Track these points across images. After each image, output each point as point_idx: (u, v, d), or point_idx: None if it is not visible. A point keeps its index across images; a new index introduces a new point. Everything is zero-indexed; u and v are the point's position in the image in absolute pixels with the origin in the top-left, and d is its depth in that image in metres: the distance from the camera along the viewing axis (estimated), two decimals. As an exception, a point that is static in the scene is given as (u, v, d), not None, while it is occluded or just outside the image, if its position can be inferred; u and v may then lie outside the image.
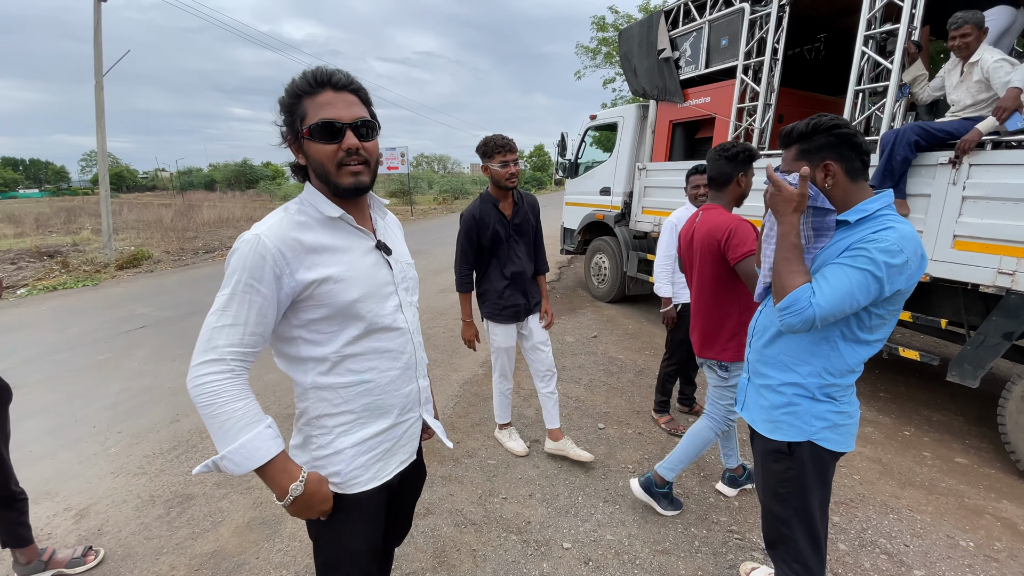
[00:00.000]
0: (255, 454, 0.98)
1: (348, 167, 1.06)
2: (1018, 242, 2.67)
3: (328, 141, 1.03)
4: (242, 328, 1.00)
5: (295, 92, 1.04)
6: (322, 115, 1.02)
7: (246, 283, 0.99)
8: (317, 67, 1.06)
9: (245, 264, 0.99)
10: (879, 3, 3.42)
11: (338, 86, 1.06)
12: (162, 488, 2.70)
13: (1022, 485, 2.77)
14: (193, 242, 12.93)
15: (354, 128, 1.05)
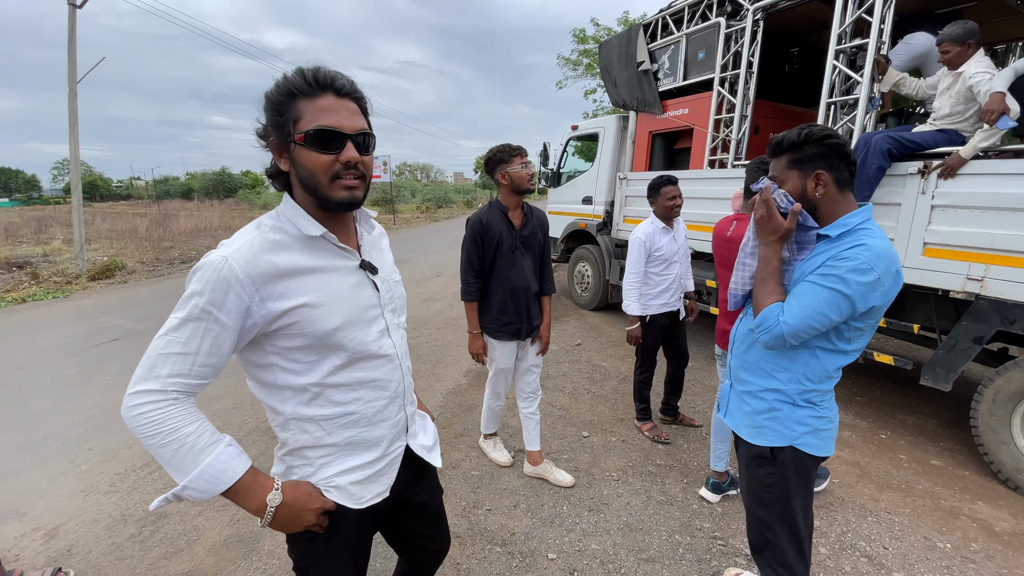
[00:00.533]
0: (221, 476, 0.90)
1: (343, 180, 0.96)
2: (986, 249, 2.76)
3: (325, 151, 0.93)
4: (191, 358, 0.89)
5: (289, 90, 0.93)
6: (322, 121, 0.92)
7: (203, 308, 0.89)
8: (316, 66, 0.94)
9: (206, 287, 0.89)
10: (849, 19, 3.54)
11: (341, 92, 0.96)
12: (134, 506, 2.61)
13: (996, 486, 2.84)
14: (169, 252, 12.66)
15: (355, 140, 0.96)
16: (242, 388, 4.08)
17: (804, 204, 1.36)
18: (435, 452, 1.31)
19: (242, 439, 3.28)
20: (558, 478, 2.79)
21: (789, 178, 1.37)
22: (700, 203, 4.65)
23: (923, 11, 4.16)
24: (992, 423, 2.82)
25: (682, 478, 2.88)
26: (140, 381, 0.89)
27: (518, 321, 2.58)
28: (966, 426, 3.10)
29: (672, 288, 3.16)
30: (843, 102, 3.69)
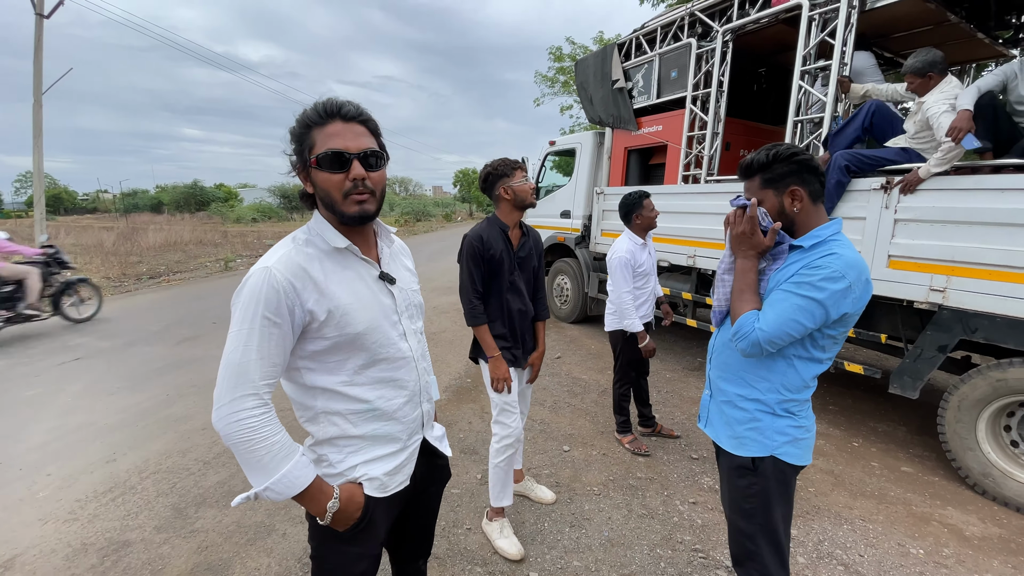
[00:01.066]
0: (295, 482, 1.04)
1: (353, 196, 1.07)
2: (947, 261, 2.88)
3: (335, 170, 1.05)
4: (267, 361, 1.02)
5: (305, 122, 1.07)
6: (330, 145, 1.04)
7: (263, 316, 1.01)
8: (328, 98, 1.08)
9: (260, 297, 1.01)
10: (813, 41, 3.69)
11: (347, 117, 1.08)
12: (96, 535, 2.48)
13: (964, 491, 2.92)
14: (136, 267, 12.26)
15: (361, 158, 1.07)
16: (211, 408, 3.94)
17: (783, 220, 1.41)
18: (444, 442, 1.45)
19: (211, 461, 3.17)
20: (540, 495, 2.74)
21: (765, 197, 1.42)
22: (676, 217, 4.75)
23: (883, 34, 4.37)
24: (958, 429, 2.91)
25: (662, 491, 2.88)
26: (233, 389, 1.00)
27: (516, 347, 2.40)
28: (934, 433, 3.19)
29: (650, 300, 3.25)
30: (809, 120, 3.83)
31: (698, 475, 3.06)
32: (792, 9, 3.77)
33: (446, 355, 5.33)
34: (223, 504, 2.72)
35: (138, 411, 3.93)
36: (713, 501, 2.78)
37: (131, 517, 2.62)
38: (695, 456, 3.29)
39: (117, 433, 3.56)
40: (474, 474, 3.00)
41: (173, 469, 3.08)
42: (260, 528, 2.52)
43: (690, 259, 4.65)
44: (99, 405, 4.06)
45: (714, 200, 4.39)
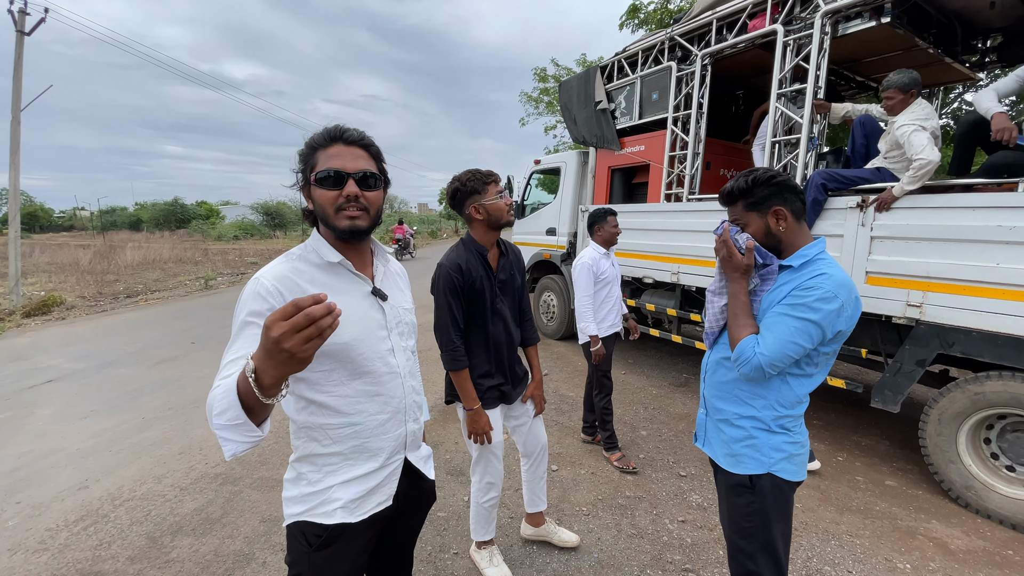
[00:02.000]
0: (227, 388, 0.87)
1: (345, 211, 1.14)
2: (922, 277, 2.95)
3: (331, 188, 1.13)
4: (242, 361, 0.99)
5: (312, 144, 1.16)
6: (329, 164, 1.12)
7: (245, 321, 1.05)
8: (335, 124, 1.17)
9: (247, 303, 1.07)
10: (788, 65, 3.82)
11: (348, 141, 1.16)
12: (67, 566, 2.37)
13: (948, 504, 2.95)
14: (113, 286, 11.98)
15: (358, 178, 1.14)
16: (189, 431, 3.84)
17: (770, 240, 1.44)
18: (429, 464, 1.45)
19: (188, 487, 3.06)
20: (564, 538, 2.50)
21: (751, 220, 1.45)
22: (659, 235, 4.81)
23: (855, 59, 4.55)
24: (939, 442, 2.95)
25: (651, 509, 2.86)
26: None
27: (504, 382, 2.16)
28: (916, 446, 3.23)
29: (615, 310, 3.41)
30: (786, 141, 3.94)
31: (687, 492, 3.04)
32: (768, 35, 3.90)
33: (431, 374, 5.27)
34: (200, 532, 2.62)
35: (112, 435, 3.80)
36: (702, 519, 2.77)
37: (103, 547, 2.51)
38: (683, 473, 3.28)
39: (90, 458, 3.43)
40: (461, 496, 2.95)
41: (148, 496, 2.97)
42: (239, 557, 2.43)
43: (674, 276, 4.70)
44: (71, 429, 3.91)
45: (696, 218, 4.46)
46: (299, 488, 1.20)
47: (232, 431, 0.88)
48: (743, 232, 1.46)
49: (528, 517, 2.57)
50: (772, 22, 3.86)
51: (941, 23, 3.98)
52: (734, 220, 1.49)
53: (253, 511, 2.80)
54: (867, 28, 3.45)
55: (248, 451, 0.92)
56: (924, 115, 3.07)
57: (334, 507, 1.18)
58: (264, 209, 39.90)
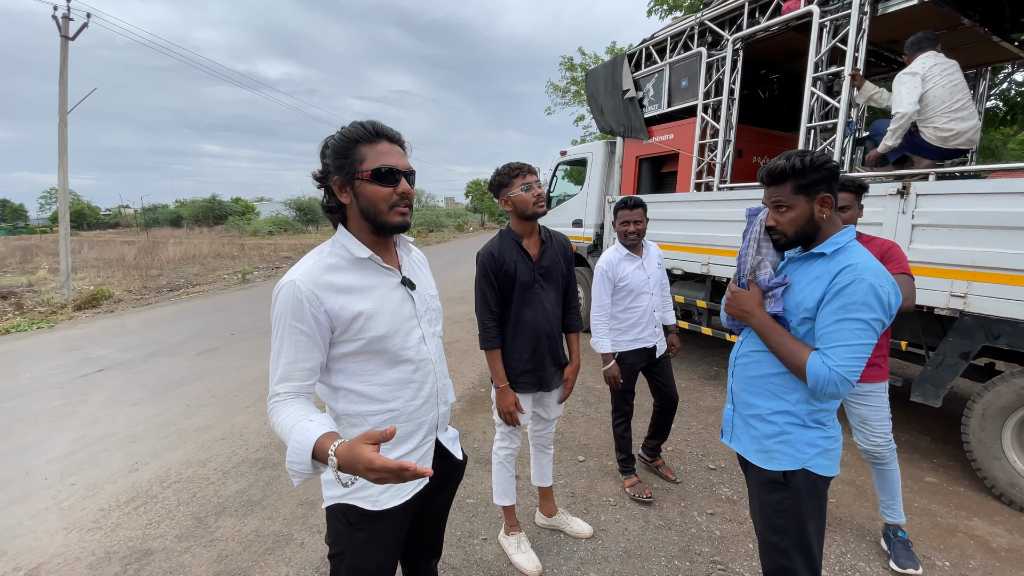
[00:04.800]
0: (303, 446, 0.97)
1: (398, 208, 1.19)
2: (967, 266, 2.83)
3: (387, 184, 1.16)
4: (295, 364, 1.12)
5: (353, 138, 1.16)
6: (384, 161, 1.15)
7: (290, 325, 1.11)
8: (372, 121, 1.20)
9: (286, 309, 1.12)
10: (824, 48, 3.69)
11: (392, 139, 1.21)
12: (119, 544, 2.53)
13: (991, 502, 2.85)
14: (157, 280, 12.54)
15: (406, 176, 1.20)
16: (230, 418, 4.01)
17: (810, 227, 1.42)
18: (456, 445, 1.48)
19: (230, 471, 3.21)
20: (575, 529, 2.55)
21: (796, 203, 1.41)
22: (689, 225, 4.73)
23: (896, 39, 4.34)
24: (983, 438, 2.84)
25: (679, 501, 2.85)
26: (270, 391, 1.13)
27: (539, 368, 2.20)
28: (958, 442, 3.12)
29: (643, 322, 2.80)
30: (822, 126, 3.81)
31: (715, 485, 3.02)
32: (803, 16, 3.77)
33: (460, 365, 5.35)
34: (242, 513, 2.75)
35: (159, 421, 4.00)
36: (732, 512, 2.74)
37: (153, 526, 2.66)
38: (712, 467, 3.25)
39: (139, 443, 3.63)
40: (488, 484, 2.99)
41: (193, 479, 3.13)
42: (279, 537, 2.54)
43: (704, 267, 4.63)
44: (122, 415, 4.14)
45: (727, 207, 4.37)
46: None
47: (301, 474, 0.99)
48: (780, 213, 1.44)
49: (541, 505, 2.62)
50: (808, 3, 3.73)
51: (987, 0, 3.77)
52: (776, 202, 1.44)
53: (291, 495, 2.92)
54: (909, 7, 3.30)
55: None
56: (919, 66, 3.07)
57: (377, 491, 1.22)
58: (297, 205, 40.89)
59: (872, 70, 4.93)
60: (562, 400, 2.38)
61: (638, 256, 2.82)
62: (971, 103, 3.20)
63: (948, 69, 3.16)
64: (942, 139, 3.20)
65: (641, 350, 2.84)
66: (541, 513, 2.63)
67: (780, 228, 1.45)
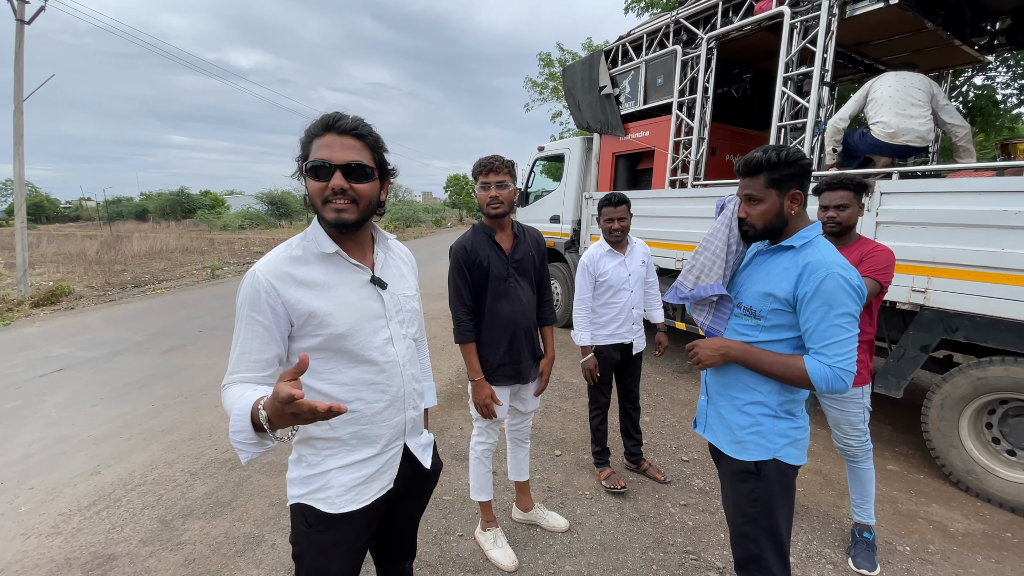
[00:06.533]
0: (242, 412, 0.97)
1: (332, 203, 1.13)
2: (927, 262, 2.94)
3: (318, 179, 1.12)
4: (248, 355, 1.11)
5: (308, 133, 1.15)
6: (317, 155, 1.12)
7: (247, 315, 1.11)
8: (332, 112, 1.15)
9: (245, 298, 1.11)
10: (795, 48, 3.77)
11: (340, 130, 1.13)
12: (79, 549, 2.43)
13: (949, 488, 2.97)
14: (121, 275, 12.08)
15: (345, 170, 1.11)
16: (199, 418, 3.90)
17: (779, 221, 1.46)
18: (428, 451, 1.44)
19: (199, 472, 3.12)
20: (552, 523, 2.56)
21: (768, 197, 1.44)
22: (664, 221, 4.79)
23: (863, 41, 4.47)
24: (942, 427, 2.96)
25: (654, 493, 2.89)
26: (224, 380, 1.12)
27: (515, 361, 2.21)
28: (918, 431, 3.25)
29: (621, 318, 2.82)
30: (792, 126, 3.90)
31: (689, 477, 3.08)
32: (774, 17, 3.84)
33: (437, 361, 5.31)
34: (211, 515, 2.68)
35: (123, 422, 3.86)
36: (704, 503, 2.80)
37: (116, 530, 2.57)
38: (685, 459, 3.31)
39: (101, 445, 3.50)
40: (466, 481, 2.98)
41: (159, 481, 3.03)
42: (249, 539, 2.48)
43: (678, 263, 4.69)
44: (82, 417, 3.98)
45: (701, 204, 4.44)
46: (299, 470, 1.22)
47: (246, 445, 0.97)
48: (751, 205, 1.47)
49: (518, 500, 2.63)
50: (779, 3, 3.80)
51: (950, 5, 3.92)
52: (748, 195, 1.47)
53: (262, 495, 2.86)
54: (875, 9, 3.40)
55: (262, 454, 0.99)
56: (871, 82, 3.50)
57: (334, 493, 1.20)
58: (269, 199, 39.89)
59: (840, 72, 5.07)
60: (539, 393, 2.39)
61: (621, 253, 2.83)
62: (924, 106, 3.35)
63: (906, 77, 3.38)
64: (889, 135, 3.39)
65: (617, 345, 2.87)
66: (518, 508, 2.64)
67: (750, 220, 1.48)
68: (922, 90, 3.36)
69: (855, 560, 2.31)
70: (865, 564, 2.28)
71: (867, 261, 2.20)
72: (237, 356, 1.11)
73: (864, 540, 2.36)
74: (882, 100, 3.41)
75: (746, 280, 1.56)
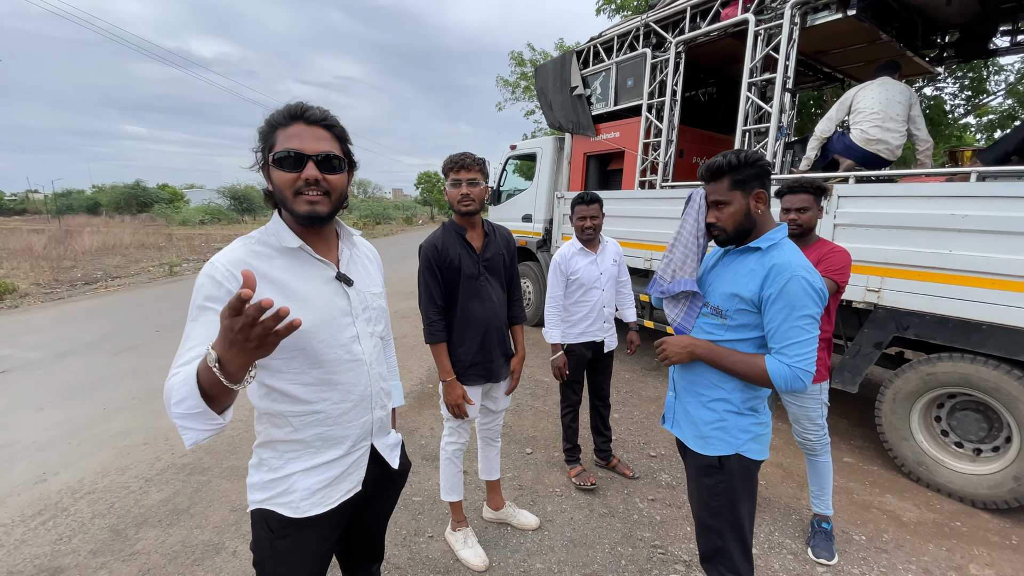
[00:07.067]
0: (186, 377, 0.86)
1: (304, 195, 1.09)
2: (881, 263, 3.07)
3: (290, 170, 1.07)
4: (200, 347, 0.96)
5: (271, 123, 1.10)
6: (288, 145, 1.07)
7: (201, 306, 1.02)
8: (297, 102, 1.11)
9: (201, 288, 1.03)
10: (759, 54, 3.88)
11: (310, 120, 1.10)
12: (23, 562, 2.28)
13: (901, 479, 3.11)
14: (70, 272, 11.46)
15: (318, 161, 1.08)
16: (154, 422, 3.73)
17: (747, 222, 1.50)
18: (395, 452, 1.40)
19: (154, 478, 2.99)
20: (523, 521, 2.56)
21: (734, 199, 1.49)
22: (633, 221, 4.86)
23: (823, 50, 4.64)
24: (894, 421, 3.10)
25: (623, 489, 2.93)
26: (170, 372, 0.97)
27: (487, 360, 2.20)
28: (872, 424, 3.39)
29: (592, 316, 2.83)
30: (756, 130, 4.01)
31: (656, 472, 3.13)
32: (740, 24, 3.95)
33: (407, 360, 5.25)
34: (167, 523, 2.57)
35: (71, 427, 3.66)
36: (671, 497, 2.85)
37: (63, 541, 2.43)
38: (653, 454, 3.36)
39: (47, 451, 3.30)
40: (436, 481, 2.95)
41: (111, 488, 2.89)
42: (208, 547, 2.39)
43: (647, 262, 4.77)
44: (26, 421, 3.75)
45: (670, 205, 4.52)
46: (260, 474, 1.17)
47: (192, 419, 0.86)
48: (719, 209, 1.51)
49: (488, 499, 2.62)
50: (744, 11, 3.90)
51: (903, 18, 4.11)
52: (715, 200, 1.51)
53: (223, 500, 2.76)
54: (834, 20, 3.53)
55: (209, 439, 0.89)
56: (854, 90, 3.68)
57: (298, 497, 1.15)
58: (232, 193, 38.60)
59: (801, 79, 5.25)
60: (509, 391, 2.38)
61: (592, 251, 2.85)
62: (902, 123, 3.52)
63: (890, 89, 3.53)
64: (865, 140, 3.56)
65: (589, 343, 2.88)
66: (488, 507, 2.63)
67: (720, 224, 1.52)
68: (902, 103, 3.53)
69: (814, 550, 2.39)
70: (824, 554, 2.37)
71: (825, 261, 2.28)
72: (187, 348, 0.98)
73: (823, 530, 2.45)
74: (866, 112, 3.55)
75: (714, 280, 1.60)
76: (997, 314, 2.63)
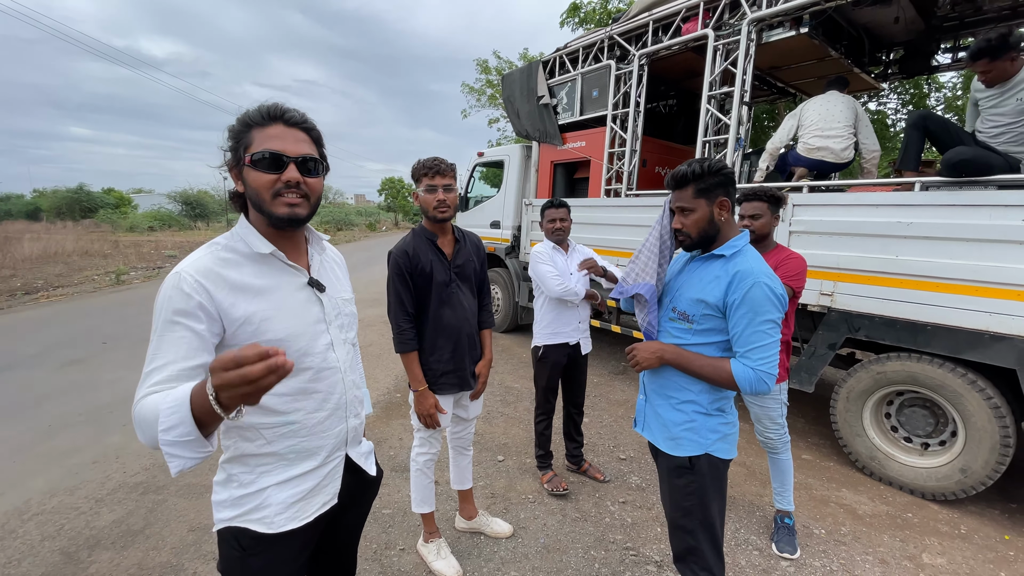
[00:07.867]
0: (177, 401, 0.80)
1: (284, 198, 1.06)
2: (833, 268, 3.24)
3: (270, 171, 1.04)
4: (172, 365, 0.94)
5: (246, 122, 1.06)
6: (268, 146, 1.04)
7: (170, 321, 0.97)
8: (273, 102, 1.09)
9: (168, 303, 0.98)
10: (718, 68, 4.04)
11: (289, 122, 1.09)
12: (-46, 596, 2.12)
13: (855, 474, 3.27)
14: (9, 281, 10.73)
15: (299, 163, 1.07)
16: (104, 438, 3.53)
17: (711, 229, 1.55)
18: (370, 459, 1.38)
19: (105, 498, 2.82)
20: (496, 529, 2.55)
21: (698, 207, 1.53)
22: (599, 229, 4.95)
23: (776, 66, 4.87)
24: (848, 418, 3.26)
25: (594, 493, 2.96)
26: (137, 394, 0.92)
27: (459, 368, 2.17)
28: (827, 422, 3.55)
29: (566, 316, 2.92)
30: (715, 141, 4.17)
31: (626, 475, 3.18)
32: (700, 39, 4.10)
33: (374, 370, 5.15)
34: (121, 545, 2.43)
35: (14, 445, 3.42)
36: (641, 499, 2.90)
37: (12, 565, 2.26)
38: (623, 457, 3.42)
39: (-17, 474, 3.07)
40: (406, 493, 2.90)
41: (60, 509, 2.71)
42: (166, 569, 2.27)
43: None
44: (-41, 443, 3.48)
45: (634, 212, 4.63)
46: (229, 491, 1.11)
47: (182, 447, 0.80)
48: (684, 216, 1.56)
49: (461, 508, 2.60)
50: (704, 27, 4.06)
51: (851, 36, 4.36)
52: (680, 207, 1.56)
53: (180, 520, 2.63)
54: (788, 37, 3.72)
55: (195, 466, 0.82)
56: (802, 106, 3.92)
57: (273, 512, 1.11)
58: (183, 198, 37.01)
59: (757, 93, 5.49)
60: (476, 396, 2.33)
61: (563, 251, 2.96)
62: (844, 129, 3.72)
63: (831, 101, 3.76)
64: (809, 150, 3.80)
65: (563, 345, 2.91)
66: (461, 517, 2.60)
67: (685, 230, 1.57)
68: (844, 113, 3.74)
69: (778, 545, 2.48)
70: (787, 548, 2.46)
71: (782, 267, 2.39)
72: (156, 367, 0.93)
73: (785, 526, 2.55)
74: (808, 124, 3.82)
75: (681, 286, 1.65)
76: (941, 315, 2.82)
